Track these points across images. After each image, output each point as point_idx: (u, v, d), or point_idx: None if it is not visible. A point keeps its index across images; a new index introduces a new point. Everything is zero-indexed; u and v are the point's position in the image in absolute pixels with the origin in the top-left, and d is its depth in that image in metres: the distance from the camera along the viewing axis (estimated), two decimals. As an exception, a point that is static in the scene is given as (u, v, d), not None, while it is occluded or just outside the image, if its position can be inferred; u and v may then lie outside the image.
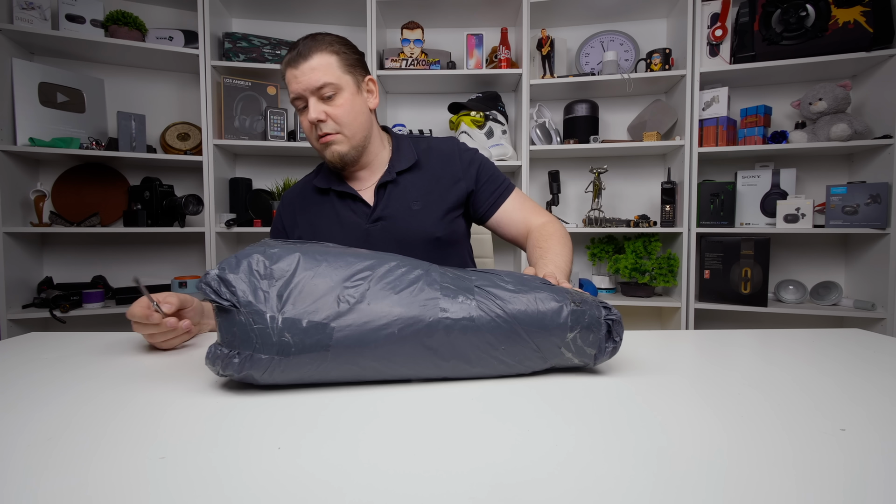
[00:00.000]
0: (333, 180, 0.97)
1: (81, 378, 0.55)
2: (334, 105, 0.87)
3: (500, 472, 0.34)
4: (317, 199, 0.98)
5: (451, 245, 0.98)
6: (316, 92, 0.86)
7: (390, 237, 0.93)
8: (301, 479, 0.33)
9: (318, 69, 0.85)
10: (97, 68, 2.10)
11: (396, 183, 0.95)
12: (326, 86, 0.85)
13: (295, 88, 0.87)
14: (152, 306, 0.66)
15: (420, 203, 0.94)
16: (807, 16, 1.86)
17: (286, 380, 0.49)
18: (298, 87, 0.86)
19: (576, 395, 0.50)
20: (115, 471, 0.34)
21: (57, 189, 2.02)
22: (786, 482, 0.32)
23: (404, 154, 0.97)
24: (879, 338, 0.77)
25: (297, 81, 0.86)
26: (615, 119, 2.28)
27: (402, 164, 0.96)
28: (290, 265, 0.51)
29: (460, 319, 0.51)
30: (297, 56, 0.85)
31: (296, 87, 0.86)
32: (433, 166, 0.97)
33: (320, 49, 0.86)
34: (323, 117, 0.87)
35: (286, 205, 1.03)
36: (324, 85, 0.85)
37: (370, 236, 0.93)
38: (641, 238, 2.11)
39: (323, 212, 0.97)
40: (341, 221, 0.95)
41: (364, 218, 0.94)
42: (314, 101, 0.86)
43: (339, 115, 0.87)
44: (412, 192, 0.95)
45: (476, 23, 2.26)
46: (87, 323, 1.99)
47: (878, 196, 1.82)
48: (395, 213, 0.93)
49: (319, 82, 0.85)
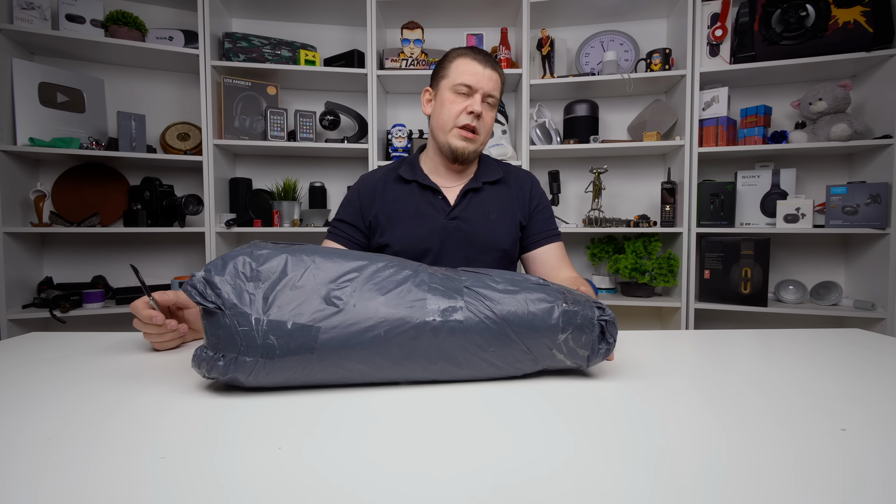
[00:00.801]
0: (420, 174, 1.04)
1: (81, 378, 0.55)
2: (488, 113, 1.00)
3: (501, 471, 0.34)
4: (398, 187, 1.04)
5: (510, 259, 1.05)
6: (485, 96, 0.98)
7: (463, 238, 0.99)
8: (301, 479, 0.33)
9: (496, 82, 0.99)
10: (97, 68, 2.10)
11: (479, 191, 1.03)
12: (492, 98, 0.99)
13: (474, 81, 0.96)
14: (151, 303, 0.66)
15: (496, 214, 1.02)
16: (807, 16, 1.86)
17: (272, 382, 0.49)
18: (477, 83, 0.96)
19: (576, 396, 0.50)
20: (115, 471, 0.34)
21: (57, 189, 2.02)
22: (786, 482, 0.32)
23: (491, 169, 1.07)
24: (879, 338, 0.77)
25: (480, 77, 0.96)
26: (615, 119, 2.28)
27: (488, 177, 1.05)
28: (278, 267, 0.51)
29: (448, 321, 0.51)
30: (484, 59, 0.98)
31: (474, 81, 0.96)
32: (514, 189, 1.07)
33: (500, 70, 1.01)
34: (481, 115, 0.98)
35: (366, 185, 1.07)
36: (492, 96, 0.99)
37: (444, 231, 0.99)
38: (641, 238, 2.11)
39: (401, 199, 1.03)
40: (419, 211, 1.01)
41: (442, 213, 1.00)
42: (479, 98, 0.97)
43: (488, 122, 1.00)
44: (491, 203, 1.03)
45: (476, 23, 2.26)
46: (87, 323, 1.99)
47: (878, 196, 1.81)
48: (472, 217, 1.01)
49: (493, 91, 0.98)
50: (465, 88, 0.96)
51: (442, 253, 0.99)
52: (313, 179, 2.27)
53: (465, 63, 0.97)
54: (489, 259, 1.00)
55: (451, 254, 0.99)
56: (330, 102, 2.14)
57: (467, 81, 0.96)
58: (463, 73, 0.97)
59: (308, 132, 2.13)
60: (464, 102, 0.97)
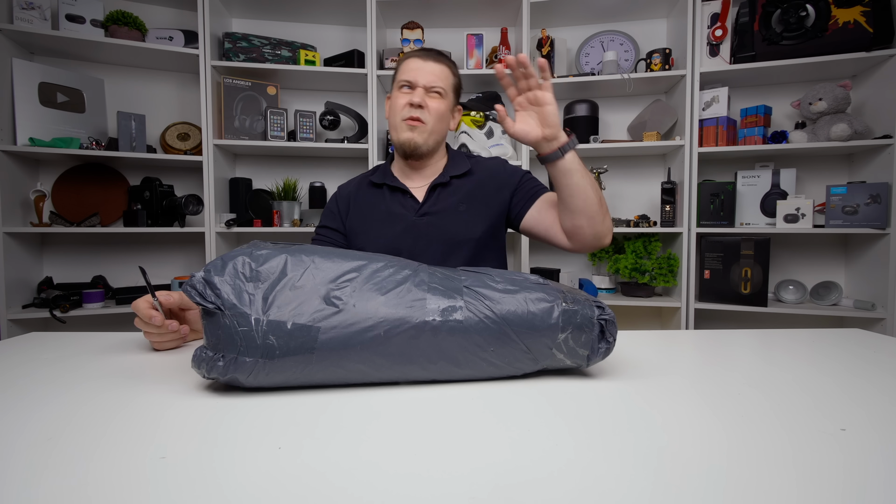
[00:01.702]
0: (389, 178, 1.06)
1: (81, 378, 0.55)
2: (434, 102, 1.00)
3: (501, 472, 0.34)
4: (370, 192, 1.08)
5: (488, 248, 1.05)
6: (428, 88, 0.99)
7: (434, 232, 1.00)
8: (301, 479, 0.33)
9: (437, 74, 1.00)
10: (97, 68, 2.09)
11: (447, 185, 1.04)
12: (438, 88, 1.00)
13: (411, 77, 0.99)
14: (154, 303, 0.66)
15: (465, 205, 1.02)
16: (807, 16, 1.86)
17: (271, 382, 0.49)
18: (415, 78, 0.98)
19: (576, 396, 0.50)
20: (115, 471, 0.34)
21: (57, 189, 2.02)
22: (786, 482, 0.32)
23: (458, 163, 1.08)
24: (879, 338, 0.77)
25: (417, 72, 0.99)
26: (615, 119, 2.28)
27: (455, 171, 1.05)
28: (277, 267, 0.51)
29: (447, 321, 0.51)
30: (425, 54, 1.01)
31: (413, 77, 0.99)
32: (482, 177, 1.06)
33: (445, 62, 1.02)
34: (424, 105, 0.98)
35: (342, 195, 1.11)
36: (435, 87, 0.99)
37: (416, 228, 1.00)
38: (641, 238, 2.11)
39: (373, 203, 1.06)
40: (390, 212, 1.03)
41: (412, 211, 1.02)
42: (421, 91, 0.98)
43: (435, 110, 1.00)
44: (460, 195, 1.03)
45: (476, 23, 2.26)
46: (87, 323, 1.99)
47: (878, 196, 1.81)
48: (442, 211, 1.01)
49: (435, 83, 0.99)
50: (405, 83, 1.00)
51: (416, 249, 0.99)
52: (313, 179, 2.27)
53: (408, 62, 1.01)
54: (464, 251, 1.00)
55: (425, 250, 0.99)
56: (330, 102, 2.14)
57: (407, 77, 0.99)
58: (404, 71, 1.01)
59: (308, 132, 2.13)
60: (407, 96, 0.99)
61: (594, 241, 0.91)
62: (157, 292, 0.68)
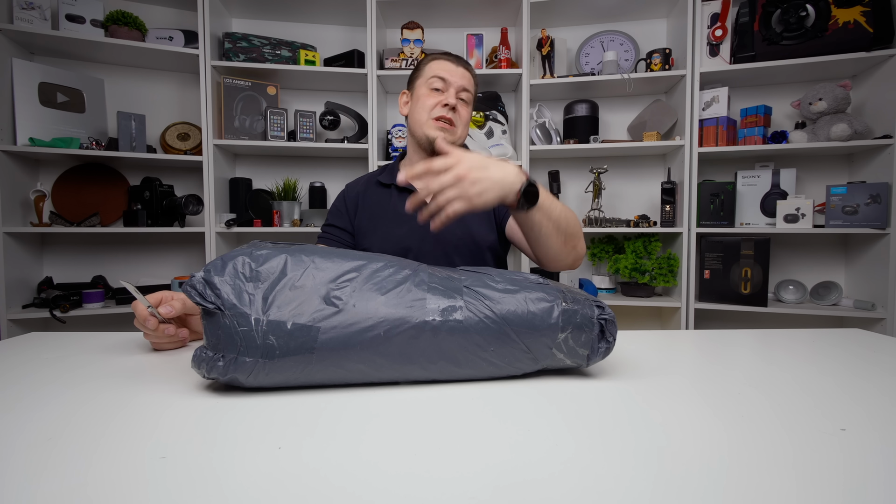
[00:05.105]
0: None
1: (81, 378, 0.55)
2: (463, 108, 1.03)
3: (501, 472, 0.34)
4: (378, 192, 1.09)
5: (494, 250, 1.05)
6: (459, 90, 1.01)
7: (442, 233, 0.99)
8: (301, 479, 0.33)
9: (468, 80, 1.03)
10: (97, 68, 2.09)
11: None
12: (467, 93, 1.03)
13: (447, 75, 1.01)
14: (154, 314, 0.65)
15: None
16: (807, 16, 1.86)
17: (271, 382, 0.49)
18: (450, 77, 1.01)
19: (576, 396, 0.50)
20: (115, 471, 0.34)
21: (57, 189, 2.02)
22: (786, 482, 0.32)
23: None
24: (879, 338, 0.77)
25: (452, 73, 1.01)
26: (615, 119, 2.28)
27: None
28: (277, 267, 0.51)
29: (448, 321, 0.51)
30: (456, 59, 1.04)
31: (448, 76, 1.01)
32: None
33: (472, 70, 1.06)
34: (457, 108, 1.01)
35: (350, 193, 1.12)
36: (466, 90, 1.02)
37: (423, 229, 0.99)
38: (641, 238, 2.11)
39: (381, 203, 1.07)
40: (396, 212, 1.03)
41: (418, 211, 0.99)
42: (453, 93, 1.01)
43: (464, 116, 1.04)
44: None
45: (476, 23, 2.26)
46: (87, 323, 1.99)
47: (878, 196, 1.81)
48: None
49: (467, 86, 1.03)
50: (439, 82, 1.00)
51: (422, 251, 0.99)
52: (313, 179, 2.27)
53: (439, 62, 1.03)
54: (465, 252, 1.01)
55: (431, 251, 1.00)
56: (330, 102, 2.14)
57: (441, 75, 1.00)
58: (436, 69, 1.02)
59: (308, 132, 2.13)
60: (438, 96, 1.00)
61: (567, 267, 0.90)
62: (159, 305, 0.67)
